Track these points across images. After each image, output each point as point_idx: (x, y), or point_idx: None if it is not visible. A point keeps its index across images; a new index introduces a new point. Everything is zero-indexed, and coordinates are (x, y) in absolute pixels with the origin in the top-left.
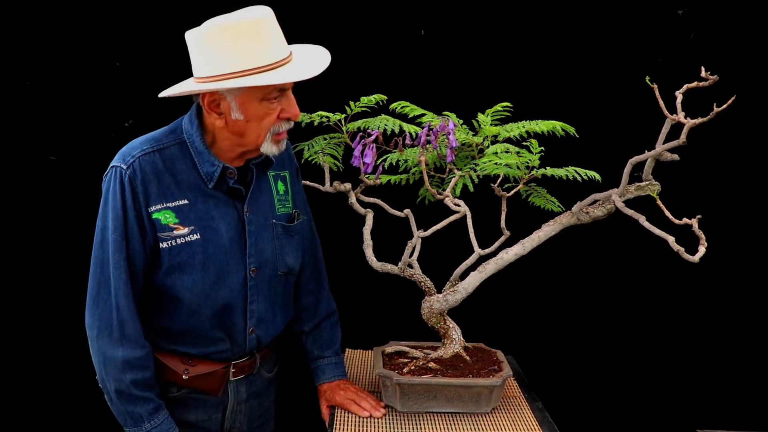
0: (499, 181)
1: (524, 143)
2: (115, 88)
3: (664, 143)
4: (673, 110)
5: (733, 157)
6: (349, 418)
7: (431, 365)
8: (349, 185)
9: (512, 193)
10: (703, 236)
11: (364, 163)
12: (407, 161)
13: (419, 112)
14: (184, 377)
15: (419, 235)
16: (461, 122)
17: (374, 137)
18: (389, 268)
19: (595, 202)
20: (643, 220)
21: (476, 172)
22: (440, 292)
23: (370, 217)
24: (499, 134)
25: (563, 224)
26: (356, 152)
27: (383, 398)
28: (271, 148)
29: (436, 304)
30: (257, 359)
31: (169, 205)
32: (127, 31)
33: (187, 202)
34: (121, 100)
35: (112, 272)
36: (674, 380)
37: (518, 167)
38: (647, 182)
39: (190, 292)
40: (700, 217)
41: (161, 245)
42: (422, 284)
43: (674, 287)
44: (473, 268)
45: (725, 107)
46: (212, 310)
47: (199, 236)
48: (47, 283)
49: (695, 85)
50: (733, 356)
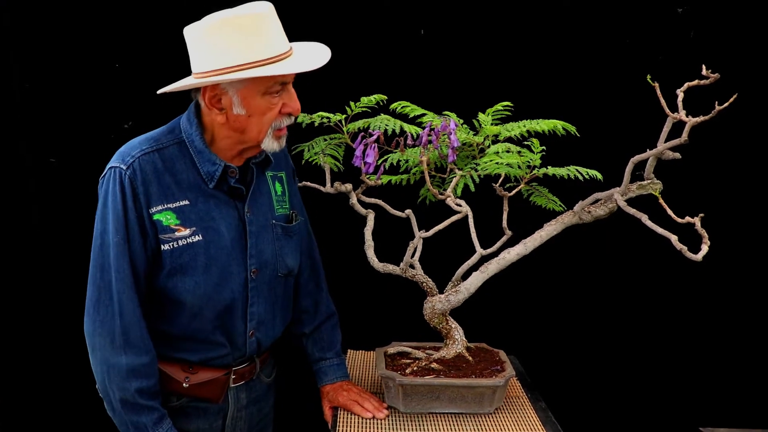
0: (500, 180)
1: (525, 143)
2: (114, 89)
3: (665, 142)
4: (674, 109)
5: (734, 155)
6: (351, 419)
7: (434, 366)
8: (350, 186)
9: (514, 192)
10: (705, 235)
11: (365, 163)
12: (408, 161)
13: (420, 112)
14: (184, 385)
15: (421, 235)
16: (461, 122)
17: (375, 137)
18: (391, 268)
19: (596, 201)
20: (645, 218)
21: (477, 171)
22: (442, 292)
23: (371, 217)
24: (499, 134)
25: (565, 223)
26: (357, 152)
27: (386, 399)
28: (272, 144)
29: (438, 304)
30: (257, 364)
31: (169, 206)
32: (126, 32)
33: (188, 202)
34: (120, 101)
35: (114, 277)
36: (677, 379)
37: (519, 167)
38: (649, 181)
39: (192, 294)
40: (702, 215)
41: (163, 247)
42: (424, 285)
43: (677, 286)
44: (475, 268)
45: (727, 105)
46: (214, 312)
47: (201, 237)
48: (47, 286)
49: (696, 83)
50: (735, 354)
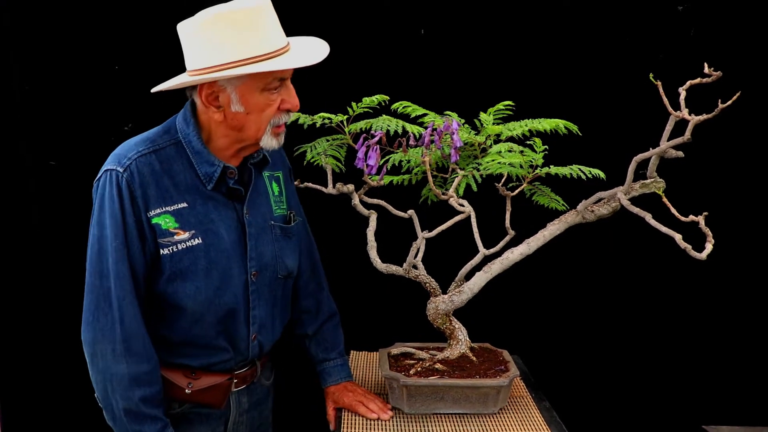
0: (503, 180)
1: (528, 142)
2: (113, 91)
3: (668, 140)
4: (676, 107)
5: (737, 153)
6: (355, 421)
7: (438, 366)
8: (352, 187)
9: (517, 192)
10: (710, 233)
11: (367, 164)
12: (410, 161)
13: (421, 112)
14: (187, 391)
15: (424, 236)
16: (462, 121)
17: (378, 138)
18: (394, 269)
19: (600, 200)
20: (649, 217)
21: (479, 171)
22: (445, 292)
23: (373, 218)
24: (501, 133)
25: (568, 223)
26: (360, 154)
27: (390, 400)
28: (270, 141)
29: (441, 304)
30: (258, 367)
31: (168, 209)
32: (125, 34)
33: (186, 205)
34: (119, 103)
35: (113, 283)
36: (680, 377)
37: (521, 166)
38: (652, 180)
39: (193, 299)
40: (706, 214)
41: (162, 252)
42: (427, 285)
43: (680, 285)
44: (478, 268)
45: (730, 103)
46: (216, 317)
47: (200, 241)
48: (47, 291)
49: (698, 81)
50: (739, 353)
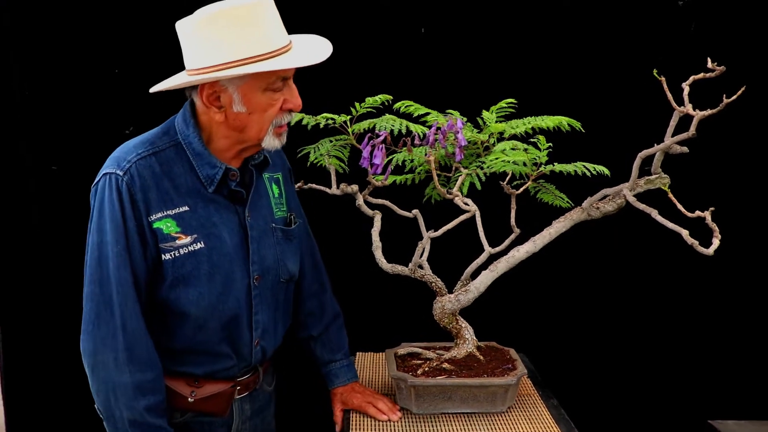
0: (507, 178)
1: (531, 140)
2: (114, 95)
3: (672, 136)
4: (679, 102)
5: (743, 148)
6: (364, 421)
7: (445, 366)
8: (356, 187)
9: (521, 190)
10: (716, 229)
11: (373, 164)
12: (413, 161)
13: (423, 111)
14: (189, 400)
15: (430, 235)
16: (465, 120)
17: (383, 138)
18: (399, 269)
19: (605, 197)
20: (655, 214)
21: (483, 169)
22: (451, 292)
23: (378, 218)
24: (504, 131)
25: (574, 220)
26: (365, 154)
27: (398, 400)
28: (273, 141)
29: (448, 304)
30: (260, 373)
31: (169, 212)
32: (124, 38)
33: (187, 208)
34: (117, 106)
35: (115, 290)
36: (686, 373)
37: (525, 164)
38: (657, 176)
39: (196, 305)
40: (713, 209)
41: (164, 257)
42: (433, 285)
43: (686, 280)
44: (483, 266)
45: (735, 98)
46: (220, 323)
47: (203, 245)
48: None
49: (702, 76)
50: (744, 348)
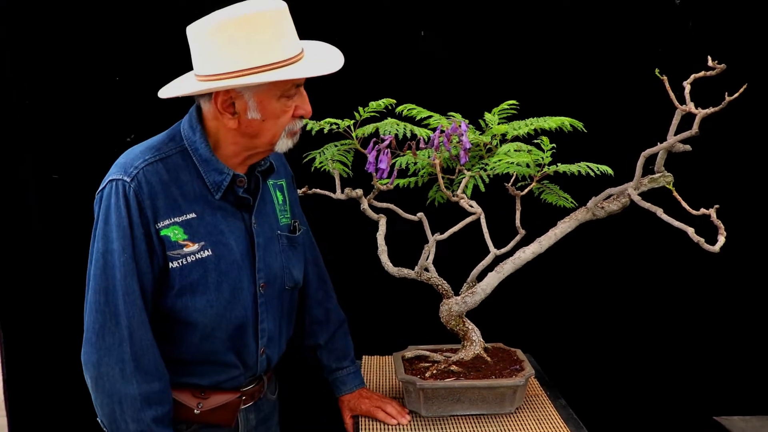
0: (512, 180)
1: (534, 141)
2: (114, 103)
3: (675, 134)
4: (681, 101)
5: (746, 145)
6: (373, 426)
7: (453, 368)
8: (360, 191)
9: (526, 191)
10: (722, 226)
11: (378, 169)
12: (416, 164)
13: (426, 114)
14: (196, 412)
15: (436, 238)
16: (467, 122)
17: (388, 142)
18: (405, 272)
19: (609, 196)
20: (660, 212)
21: (487, 171)
22: (458, 294)
23: (383, 222)
24: (507, 132)
25: (579, 220)
26: (371, 158)
27: (406, 404)
28: (286, 143)
29: (454, 306)
30: (264, 382)
31: (177, 220)
32: (124, 46)
33: (195, 215)
34: (120, 115)
35: (121, 300)
36: (692, 370)
37: (529, 165)
38: (660, 174)
39: (203, 314)
40: (718, 206)
41: (171, 265)
42: (440, 287)
43: (691, 278)
44: (489, 268)
45: (737, 96)
46: (227, 332)
47: (210, 252)
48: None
49: (703, 74)
50: (749, 344)
